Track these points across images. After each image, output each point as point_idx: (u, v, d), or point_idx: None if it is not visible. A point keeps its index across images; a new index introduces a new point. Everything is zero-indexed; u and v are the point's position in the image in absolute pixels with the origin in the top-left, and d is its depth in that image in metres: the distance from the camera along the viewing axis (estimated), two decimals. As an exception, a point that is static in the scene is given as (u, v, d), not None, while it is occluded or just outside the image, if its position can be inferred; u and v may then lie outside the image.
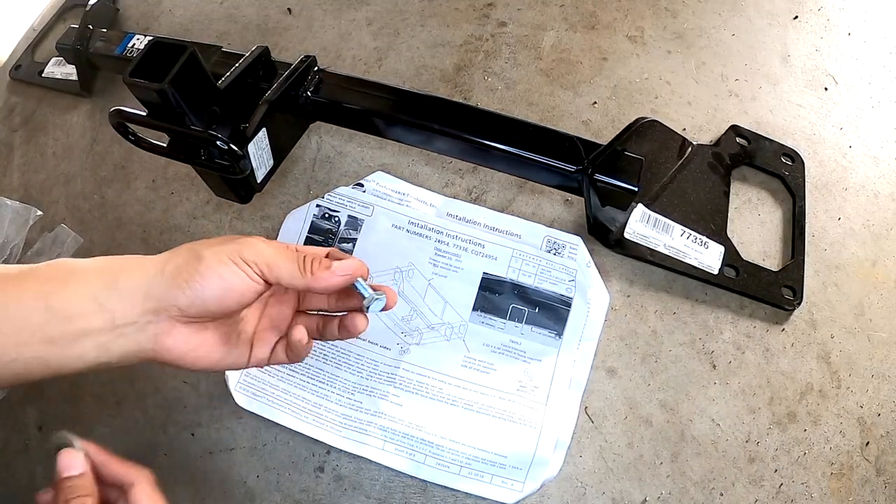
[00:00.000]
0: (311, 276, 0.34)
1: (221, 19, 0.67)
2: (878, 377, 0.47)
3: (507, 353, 0.47)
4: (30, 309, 0.31)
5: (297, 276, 0.34)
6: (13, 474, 0.49)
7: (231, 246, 0.33)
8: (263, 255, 0.34)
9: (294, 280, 0.34)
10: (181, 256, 0.33)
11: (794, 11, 0.62)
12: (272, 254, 0.34)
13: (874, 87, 0.58)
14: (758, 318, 0.49)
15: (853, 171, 0.54)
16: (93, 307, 0.31)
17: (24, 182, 0.61)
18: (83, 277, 0.32)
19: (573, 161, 0.46)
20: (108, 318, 0.31)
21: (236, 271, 0.33)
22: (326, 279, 0.34)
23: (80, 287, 0.31)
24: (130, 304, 0.32)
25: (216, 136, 0.40)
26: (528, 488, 0.44)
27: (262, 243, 0.34)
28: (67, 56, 0.62)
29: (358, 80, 0.50)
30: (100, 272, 0.32)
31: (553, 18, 0.62)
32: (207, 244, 0.34)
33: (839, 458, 0.45)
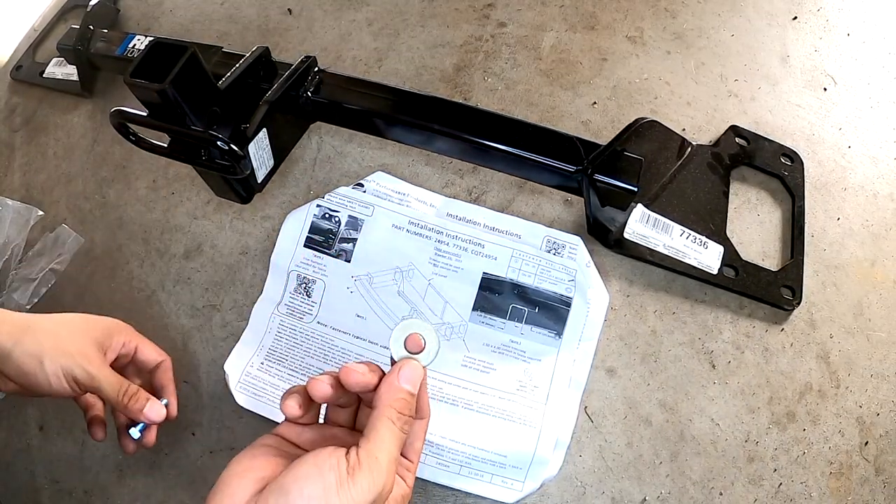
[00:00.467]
0: (125, 405, 0.40)
1: (222, 20, 0.67)
2: (876, 377, 0.47)
3: (506, 353, 0.48)
4: None
5: (117, 402, 0.40)
6: (14, 474, 0.49)
7: (69, 363, 0.39)
8: (92, 381, 0.39)
9: (115, 404, 0.40)
10: (27, 350, 0.38)
11: (793, 12, 0.62)
12: (100, 379, 0.39)
13: (873, 87, 0.58)
14: (757, 317, 0.49)
15: (852, 172, 0.54)
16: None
17: (25, 182, 0.61)
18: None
19: (573, 161, 0.46)
20: None
21: (64, 385, 0.39)
22: (136, 413, 0.41)
23: None
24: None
25: (217, 137, 0.40)
26: (527, 488, 0.44)
27: (94, 368, 0.39)
28: (68, 56, 0.62)
29: (358, 80, 0.50)
30: None
31: (553, 19, 0.62)
32: (53, 346, 0.39)
33: (838, 458, 0.45)
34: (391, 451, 0.28)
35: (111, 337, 0.42)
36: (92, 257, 0.57)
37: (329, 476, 0.26)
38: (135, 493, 0.47)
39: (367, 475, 0.27)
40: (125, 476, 0.48)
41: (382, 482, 0.27)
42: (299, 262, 0.50)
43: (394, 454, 0.29)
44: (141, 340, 0.44)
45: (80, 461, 0.49)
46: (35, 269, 0.56)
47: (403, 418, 0.30)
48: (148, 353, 0.44)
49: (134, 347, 0.44)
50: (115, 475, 0.48)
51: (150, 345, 0.45)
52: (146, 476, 0.48)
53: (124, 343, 0.43)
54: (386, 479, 0.27)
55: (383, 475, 0.27)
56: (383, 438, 0.29)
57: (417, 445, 0.33)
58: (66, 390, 0.39)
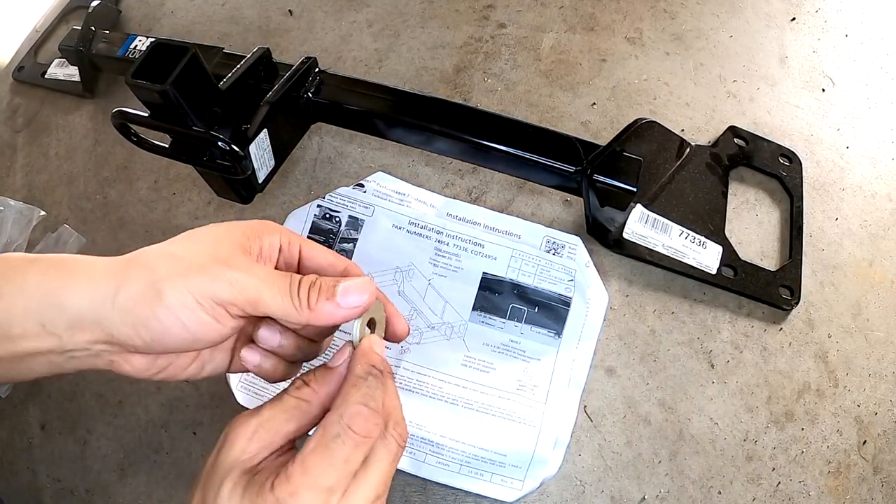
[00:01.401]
0: (308, 310, 0.28)
1: (223, 21, 0.67)
2: (874, 376, 0.48)
3: (506, 353, 0.48)
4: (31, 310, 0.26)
5: (291, 312, 0.28)
6: (16, 473, 0.49)
7: (201, 281, 0.26)
8: (245, 292, 0.27)
9: (288, 316, 0.28)
10: (136, 285, 0.26)
11: (791, 13, 0.62)
12: (257, 286, 0.27)
13: (871, 88, 0.58)
14: (756, 317, 0.49)
15: (850, 172, 0.55)
16: (33, 327, 0.26)
17: (27, 182, 0.61)
18: (22, 289, 0.26)
19: (572, 162, 0.47)
20: (55, 342, 0.26)
21: (203, 319, 0.27)
22: (330, 314, 0.28)
23: (20, 300, 0.26)
24: (79, 330, 0.26)
25: (218, 137, 0.40)
26: (527, 486, 0.45)
27: (238, 273, 0.27)
28: (70, 57, 0.62)
29: (358, 81, 0.50)
30: (41, 279, 0.26)
31: (552, 20, 0.62)
32: (171, 267, 0.26)
33: (836, 457, 0.45)
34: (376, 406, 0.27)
35: (259, 237, 0.30)
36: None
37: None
38: (136, 492, 0.48)
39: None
40: (127, 475, 0.48)
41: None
42: None
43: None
44: (304, 241, 0.32)
45: (81, 460, 0.49)
46: (37, 269, 0.56)
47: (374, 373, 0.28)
48: (319, 255, 0.32)
49: (297, 250, 0.31)
50: (117, 474, 0.48)
51: (319, 246, 0.32)
52: (147, 475, 0.48)
53: (281, 245, 0.31)
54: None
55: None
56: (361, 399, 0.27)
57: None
58: (212, 329, 0.27)
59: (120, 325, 0.26)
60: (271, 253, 0.31)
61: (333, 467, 0.25)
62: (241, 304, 0.27)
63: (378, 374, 0.28)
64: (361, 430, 0.26)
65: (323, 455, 0.25)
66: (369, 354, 0.29)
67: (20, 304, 0.26)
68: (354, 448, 0.25)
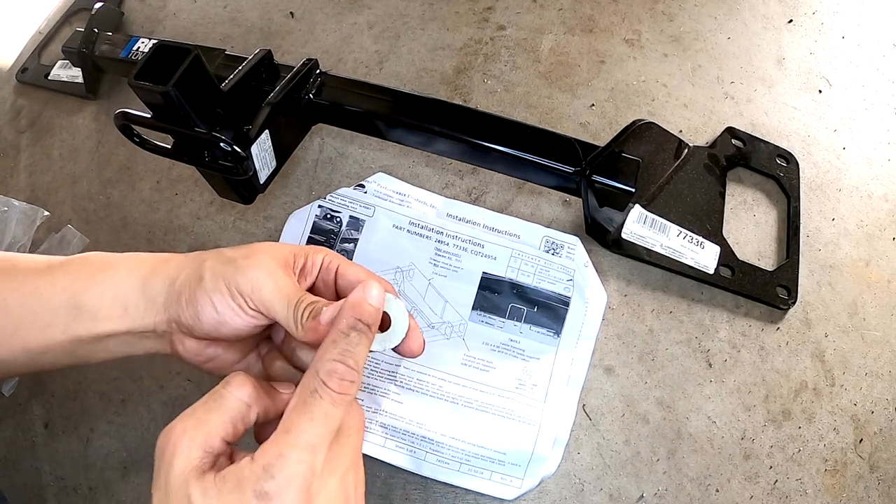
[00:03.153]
0: (302, 328, 0.29)
1: (225, 23, 0.68)
2: (871, 375, 0.48)
3: (506, 352, 0.48)
4: (58, 306, 0.30)
5: (290, 324, 0.30)
6: (20, 471, 0.50)
7: (230, 269, 0.30)
8: (260, 291, 0.29)
9: (288, 327, 0.30)
10: (189, 271, 0.31)
11: (788, 15, 0.62)
12: (272, 291, 0.29)
13: (868, 89, 0.59)
14: (753, 317, 0.49)
15: (847, 173, 0.55)
16: (118, 310, 0.31)
17: (30, 183, 0.62)
18: (112, 276, 0.31)
19: (571, 162, 0.47)
20: (131, 322, 0.31)
21: (229, 304, 0.30)
22: (314, 332, 0.29)
23: (109, 287, 0.31)
24: (153, 311, 0.31)
25: (220, 138, 0.40)
26: (526, 485, 0.45)
27: (263, 273, 0.29)
28: (73, 59, 0.63)
29: (359, 82, 0.50)
30: (130, 272, 0.31)
31: (551, 22, 0.63)
32: (216, 259, 0.31)
33: (833, 455, 0.46)
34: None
35: (306, 255, 0.33)
36: (96, 257, 0.57)
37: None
38: (139, 490, 0.48)
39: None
40: (129, 473, 0.49)
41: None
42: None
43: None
44: (343, 261, 0.34)
45: (84, 458, 0.49)
46: (40, 269, 0.56)
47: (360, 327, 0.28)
48: (350, 272, 0.33)
49: (335, 268, 0.33)
50: (120, 472, 0.49)
51: (354, 265, 0.33)
52: (150, 473, 0.48)
53: (322, 263, 0.33)
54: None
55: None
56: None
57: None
58: (235, 316, 0.30)
59: (174, 302, 0.30)
60: (312, 269, 0.33)
61: (314, 423, 0.25)
62: (256, 300, 0.30)
63: (364, 329, 0.28)
64: (337, 387, 0.26)
65: (302, 411, 0.25)
66: (359, 306, 0.28)
67: (110, 291, 0.31)
68: (332, 404, 0.26)
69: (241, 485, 0.24)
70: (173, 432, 0.26)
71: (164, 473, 0.25)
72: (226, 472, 0.25)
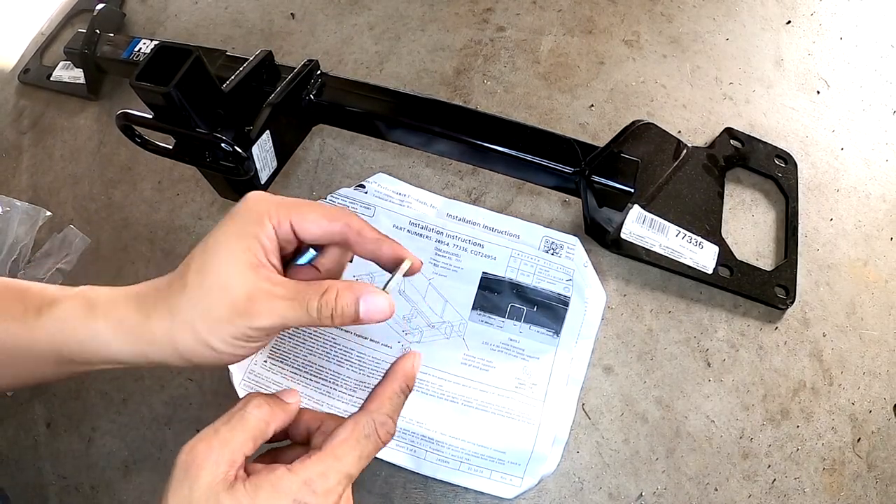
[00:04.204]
0: (330, 322, 0.29)
1: (226, 24, 0.68)
2: (869, 374, 0.48)
3: (505, 351, 0.48)
4: (46, 357, 0.31)
5: (314, 323, 0.29)
6: (22, 470, 0.50)
7: (231, 330, 0.28)
8: (268, 324, 0.28)
9: (311, 324, 0.30)
10: (189, 342, 0.29)
11: (787, 16, 0.63)
12: (279, 315, 0.28)
13: (865, 90, 0.59)
14: (751, 316, 0.50)
15: (845, 173, 0.55)
16: (109, 356, 0.30)
17: (32, 183, 0.62)
18: (96, 326, 0.30)
19: (571, 163, 0.47)
20: (144, 361, 0.31)
21: (249, 348, 0.30)
22: (353, 322, 0.30)
23: (97, 337, 0.30)
24: (159, 355, 0.30)
25: (221, 139, 0.41)
26: (526, 483, 0.45)
27: (264, 315, 0.28)
28: (75, 60, 0.63)
29: (359, 83, 0.51)
30: (114, 323, 0.30)
31: (551, 23, 0.63)
32: (210, 322, 0.28)
33: (831, 454, 0.46)
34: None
35: (258, 238, 0.29)
36: (98, 257, 0.57)
37: None
38: (140, 489, 0.48)
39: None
40: (131, 472, 0.49)
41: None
42: None
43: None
44: (293, 213, 0.30)
45: (86, 457, 0.50)
46: (43, 269, 0.57)
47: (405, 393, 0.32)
48: (311, 227, 0.30)
49: (289, 226, 0.30)
50: (121, 471, 0.49)
51: (309, 215, 0.30)
52: (151, 472, 0.49)
53: (275, 229, 0.30)
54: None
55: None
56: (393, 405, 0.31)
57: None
58: (256, 347, 0.30)
59: (167, 356, 0.30)
60: (272, 245, 0.30)
61: (359, 459, 0.29)
62: (272, 329, 0.29)
63: (408, 393, 0.33)
64: (384, 437, 0.30)
65: (354, 447, 0.29)
66: (410, 374, 0.33)
67: (99, 340, 0.30)
68: (374, 449, 0.30)
69: (279, 493, 0.26)
70: (198, 449, 0.26)
71: (187, 486, 0.26)
72: (258, 479, 0.26)
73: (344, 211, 0.32)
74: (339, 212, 0.31)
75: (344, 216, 0.31)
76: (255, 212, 0.30)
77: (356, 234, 0.32)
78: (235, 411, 0.29)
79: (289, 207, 0.30)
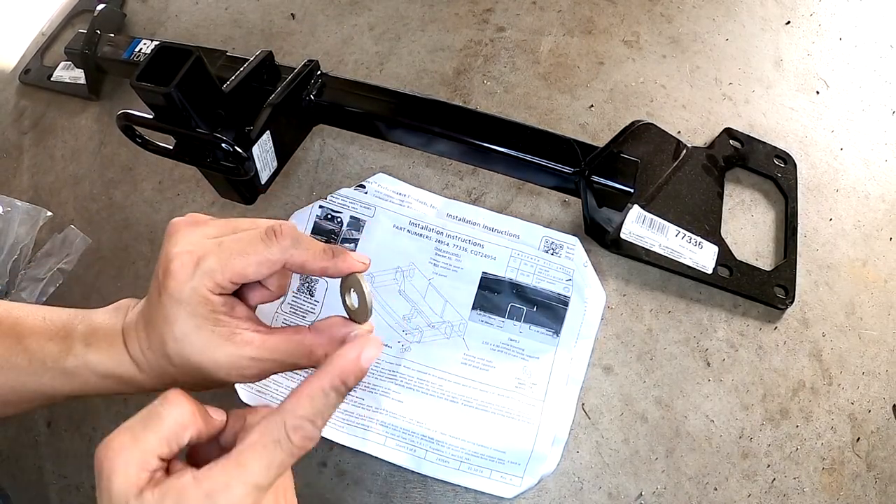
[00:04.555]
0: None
1: (226, 24, 0.68)
2: (868, 374, 0.48)
3: (505, 351, 0.48)
4: (36, 389, 0.31)
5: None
6: (23, 469, 0.50)
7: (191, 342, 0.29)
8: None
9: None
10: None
11: (786, 17, 0.63)
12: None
13: (865, 90, 0.59)
14: (751, 316, 0.50)
15: (844, 173, 0.55)
16: (100, 386, 0.32)
17: (33, 184, 0.62)
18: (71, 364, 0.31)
19: (570, 163, 0.47)
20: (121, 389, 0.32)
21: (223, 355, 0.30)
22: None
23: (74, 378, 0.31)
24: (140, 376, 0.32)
25: (221, 139, 0.41)
26: (526, 483, 0.45)
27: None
28: (76, 60, 0.63)
29: (360, 83, 0.51)
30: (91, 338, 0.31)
31: (551, 24, 0.63)
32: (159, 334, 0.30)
33: (830, 454, 0.46)
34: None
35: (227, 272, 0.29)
36: (99, 257, 0.58)
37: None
38: (141, 488, 0.48)
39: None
40: (131, 471, 0.49)
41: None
42: None
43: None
44: (231, 275, 0.29)
45: (87, 457, 0.50)
46: (43, 269, 0.57)
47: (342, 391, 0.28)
48: (251, 275, 0.30)
49: (230, 286, 0.30)
50: (122, 471, 0.49)
51: (248, 266, 0.30)
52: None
53: (221, 293, 0.30)
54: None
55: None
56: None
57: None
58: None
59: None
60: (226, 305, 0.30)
61: (268, 469, 0.25)
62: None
63: (343, 392, 0.28)
64: (299, 443, 0.26)
65: (261, 455, 0.25)
66: (349, 369, 0.28)
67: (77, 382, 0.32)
68: (289, 456, 0.26)
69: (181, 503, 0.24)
70: (111, 448, 0.25)
71: (105, 490, 0.25)
72: (165, 487, 0.24)
73: (281, 247, 0.30)
74: (278, 253, 0.30)
75: (280, 255, 0.30)
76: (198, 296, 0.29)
77: (300, 269, 0.31)
78: (153, 408, 0.27)
79: (224, 273, 0.29)
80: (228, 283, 0.29)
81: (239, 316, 0.30)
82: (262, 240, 0.29)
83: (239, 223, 0.31)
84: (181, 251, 0.29)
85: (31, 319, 0.32)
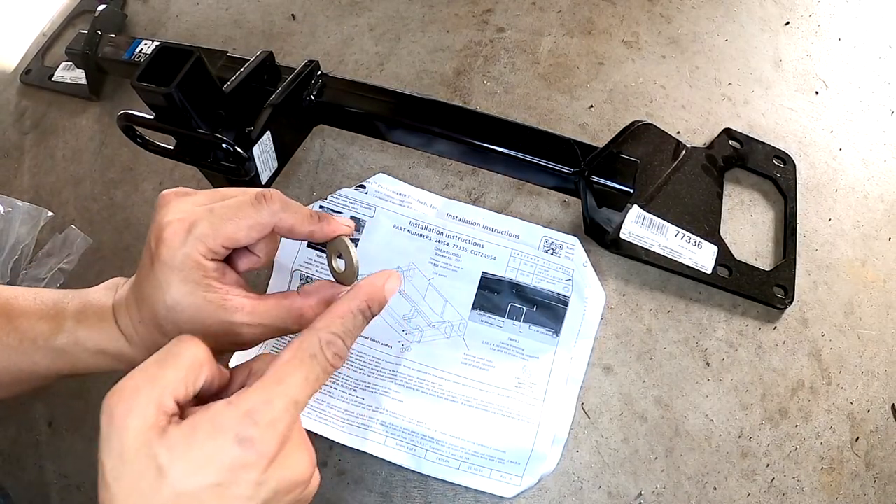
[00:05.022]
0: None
1: (227, 25, 0.68)
2: (867, 374, 0.48)
3: (505, 351, 0.49)
4: (32, 367, 0.31)
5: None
6: (24, 469, 0.50)
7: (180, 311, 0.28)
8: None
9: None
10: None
11: (785, 17, 0.63)
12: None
13: (864, 91, 0.59)
14: (750, 316, 0.50)
15: (843, 174, 0.55)
16: (87, 356, 0.32)
17: (34, 184, 0.62)
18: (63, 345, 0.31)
19: (570, 163, 0.47)
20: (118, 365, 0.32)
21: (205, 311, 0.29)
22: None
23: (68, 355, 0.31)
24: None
25: (222, 139, 0.41)
26: (526, 482, 0.45)
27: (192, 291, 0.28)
28: (77, 61, 0.64)
29: (360, 84, 0.51)
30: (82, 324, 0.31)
31: (550, 24, 0.63)
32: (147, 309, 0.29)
33: (829, 453, 0.46)
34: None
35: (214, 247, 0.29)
36: (99, 257, 0.58)
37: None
38: (141, 488, 0.48)
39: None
40: (132, 471, 0.49)
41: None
42: (303, 261, 0.51)
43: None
44: (223, 239, 0.29)
45: (88, 456, 0.50)
46: (44, 269, 0.57)
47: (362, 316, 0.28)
48: (242, 239, 0.30)
49: (222, 251, 0.30)
50: (122, 470, 0.49)
51: (238, 231, 0.30)
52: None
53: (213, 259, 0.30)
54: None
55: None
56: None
57: None
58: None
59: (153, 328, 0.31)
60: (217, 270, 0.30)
61: (306, 382, 0.25)
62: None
63: (369, 317, 0.29)
64: (332, 359, 0.27)
65: (298, 369, 0.25)
66: (377, 295, 0.29)
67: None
68: (323, 372, 0.26)
69: (219, 430, 0.22)
70: (124, 391, 0.23)
71: (116, 437, 0.22)
72: (195, 420, 0.23)
73: (271, 210, 0.31)
74: (268, 216, 0.31)
75: (270, 219, 0.31)
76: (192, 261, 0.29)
77: (288, 232, 0.32)
78: (168, 348, 0.25)
79: (216, 238, 0.29)
80: (220, 247, 0.29)
81: (229, 282, 0.30)
82: (251, 204, 0.30)
83: (227, 191, 0.31)
84: (173, 219, 0.29)
85: (23, 300, 0.32)
